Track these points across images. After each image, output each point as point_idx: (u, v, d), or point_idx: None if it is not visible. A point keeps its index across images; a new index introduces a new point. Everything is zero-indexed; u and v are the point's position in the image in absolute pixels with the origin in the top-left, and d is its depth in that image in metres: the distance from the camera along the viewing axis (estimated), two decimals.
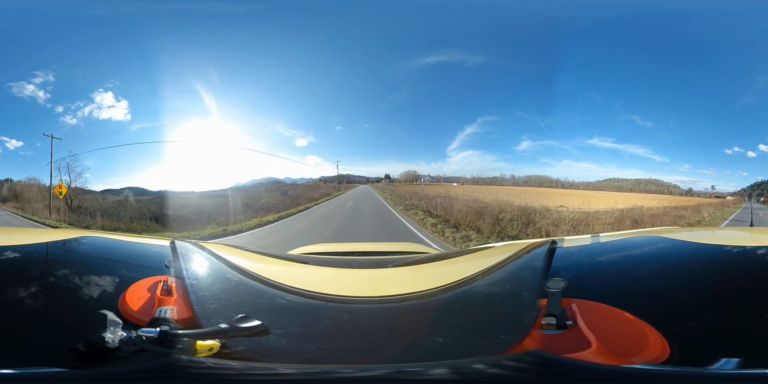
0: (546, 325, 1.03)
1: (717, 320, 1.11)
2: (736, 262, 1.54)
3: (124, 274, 1.45)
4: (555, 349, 0.95)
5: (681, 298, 1.23)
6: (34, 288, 1.28)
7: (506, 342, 1.02)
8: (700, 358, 0.92)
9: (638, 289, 1.33)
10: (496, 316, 1.18)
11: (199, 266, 1.43)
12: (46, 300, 1.24)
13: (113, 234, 2.16)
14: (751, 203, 15.26)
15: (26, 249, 1.66)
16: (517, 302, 1.20)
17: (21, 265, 1.48)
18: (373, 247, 2.70)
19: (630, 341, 0.99)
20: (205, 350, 0.98)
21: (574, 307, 1.08)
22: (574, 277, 1.38)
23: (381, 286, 1.52)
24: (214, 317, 1.08)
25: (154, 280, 1.27)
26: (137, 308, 1.15)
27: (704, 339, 1.03)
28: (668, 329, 1.00)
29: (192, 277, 1.29)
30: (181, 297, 1.18)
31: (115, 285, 1.33)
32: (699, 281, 1.35)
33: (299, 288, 1.31)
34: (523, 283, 1.29)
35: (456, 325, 1.16)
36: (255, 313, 1.06)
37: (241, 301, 1.24)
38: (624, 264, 1.64)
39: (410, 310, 1.25)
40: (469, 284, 1.33)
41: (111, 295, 1.24)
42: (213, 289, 1.28)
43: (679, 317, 1.11)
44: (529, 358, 0.94)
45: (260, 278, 1.37)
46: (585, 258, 1.68)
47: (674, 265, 1.55)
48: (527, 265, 1.44)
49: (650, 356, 0.93)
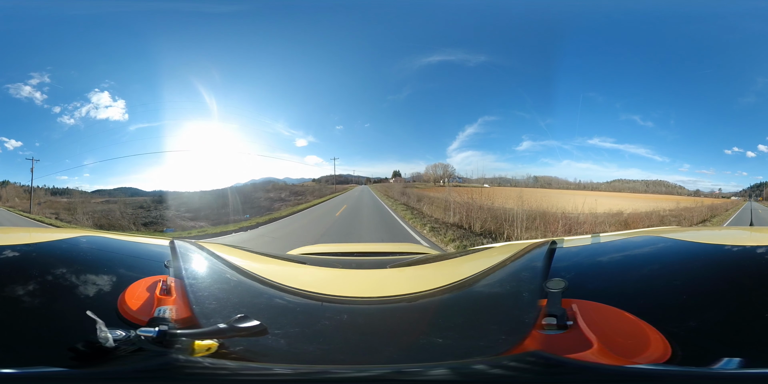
0: (546, 326, 1.03)
1: (718, 320, 1.11)
2: (737, 261, 1.53)
3: (124, 273, 1.45)
4: (556, 349, 0.95)
5: (682, 298, 1.22)
6: (35, 287, 1.28)
7: (506, 342, 1.01)
8: (702, 358, 0.92)
9: (639, 289, 1.33)
10: (496, 317, 1.17)
11: (198, 266, 1.43)
12: (46, 299, 1.24)
13: (113, 233, 2.16)
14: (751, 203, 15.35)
15: (26, 248, 1.66)
16: (517, 303, 1.20)
17: (21, 265, 1.48)
18: (373, 248, 2.69)
19: (631, 341, 0.98)
20: (203, 350, 0.98)
21: (575, 308, 1.08)
22: (574, 277, 1.38)
23: (381, 286, 1.52)
24: (213, 317, 1.08)
25: (154, 280, 1.27)
26: (136, 308, 1.15)
27: (705, 339, 1.02)
28: (669, 329, 1.00)
29: (191, 276, 1.29)
30: (180, 297, 1.18)
31: (114, 284, 1.33)
32: (700, 281, 1.35)
33: (298, 288, 1.30)
34: (523, 284, 1.29)
35: (456, 325, 1.16)
36: (254, 313, 1.05)
37: (239, 301, 1.24)
38: (624, 264, 1.63)
39: (410, 311, 1.25)
40: (469, 285, 1.33)
41: (110, 294, 1.24)
42: (212, 288, 1.28)
43: (680, 317, 1.10)
44: (530, 359, 0.93)
45: (259, 278, 1.37)
46: (585, 258, 1.68)
47: (675, 264, 1.55)
48: (527, 266, 1.44)
49: (652, 356, 0.92)
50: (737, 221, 14.57)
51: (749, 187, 15.76)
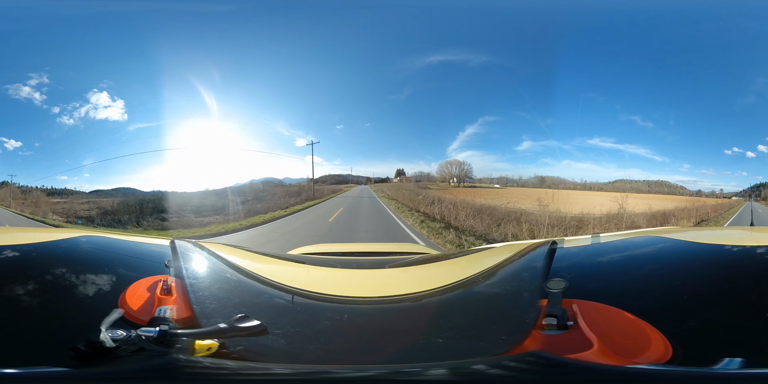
0: (547, 326, 1.03)
1: (718, 320, 1.11)
2: (737, 261, 1.53)
3: (125, 273, 1.45)
4: (556, 349, 0.95)
5: (682, 298, 1.22)
6: (36, 287, 1.28)
7: (507, 342, 1.01)
8: (703, 358, 0.92)
9: (639, 289, 1.33)
10: (496, 317, 1.17)
11: (198, 266, 1.43)
12: (47, 299, 1.24)
13: (114, 233, 2.16)
14: (751, 203, 15.42)
15: (27, 248, 1.66)
16: (517, 303, 1.20)
17: (22, 265, 1.48)
18: (374, 248, 2.69)
19: (632, 342, 0.98)
20: (203, 350, 0.98)
21: (575, 308, 1.08)
22: (574, 277, 1.38)
23: (382, 286, 1.52)
24: (214, 317, 1.08)
25: (154, 280, 1.27)
26: (137, 307, 1.15)
27: (706, 339, 1.02)
28: (670, 329, 1.00)
29: (191, 276, 1.29)
30: (180, 296, 1.18)
31: (115, 284, 1.33)
32: (700, 281, 1.35)
33: (298, 288, 1.30)
34: (524, 284, 1.29)
35: (456, 325, 1.16)
36: (254, 313, 1.05)
37: (240, 300, 1.24)
38: (625, 264, 1.63)
39: (410, 311, 1.25)
40: (469, 285, 1.33)
41: (111, 294, 1.24)
42: (212, 288, 1.28)
43: (681, 317, 1.10)
44: (530, 359, 0.93)
45: (259, 278, 1.37)
46: (585, 258, 1.68)
47: (675, 265, 1.55)
48: (527, 266, 1.44)
49: (653, 356, 0.92)
50: (746, 211, 14.78)
51: (749, 188, 15.82)
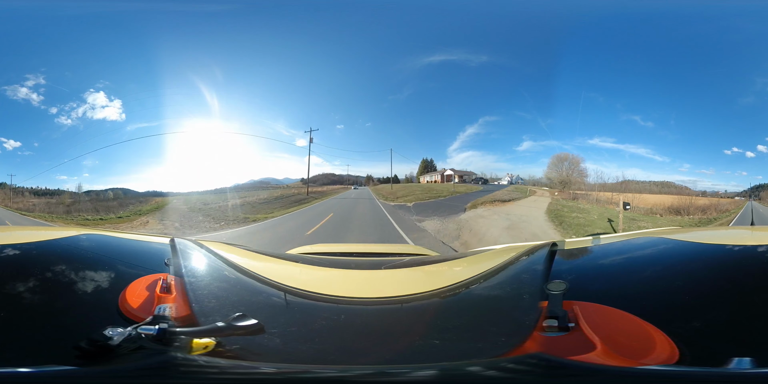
0: (548, 328, 1.02)
1: (722, 320, 1.10)
2: (738, 261, 1.53)
3: (125, 271, 1.45)
4: (558, 351, 0.94)
5: (685, 299, 1.22)
6: (37, 286, 1.27)
7: (506, 344, 1.00)
8: (711, 359, 0.91)
9: (641, 290, 1.32)
10: (495, 319, 1.16)
11: (198, 264, 1.43)
12: (48, 297, 1.24)
13: (114, 232, 2.16)
14: (751, 203, 15.47)
15: (27, 247, 1.66)
16: (517, 305, 1.19)
17: (23, 263, 1.48)
18: (373, 248, 2.69)
19: (636, 343, 0.97)
20: (200, 348, 0.98)
21: (577, 309, 1.07)
22: (575, 279, 1.37)
23: (380, 287, 1.51)
24: (212, 315, 1.08)
25: (154, 278, 1.27)
26: (137, 305, 1.15)
27: (711, 339, 1.02)
28: (674, 330, 0.99)
29: (191, 275, 1.28)
30: (179, 295, 1.17)
31: (116, 282, 1.32)
32: (702, 281, 1.34)
33: (296, 287, 1.30)
34: (524, 286, 1.28)
35: (454, 327, 1.15)
36: (252, 312, 1.05)
37: (238, 299, 1.24)
38: (626, 265, 1.63)
39: (408, 312, 1.24)
40: (469, 286, 1.32)
41: (112, 292, 1.23)
42: (211, 287, 1.27)
43: (684, 318, 1.09)
44: (530, 361, 0.92)
45: (258, 277, 1.37)
46: (586, 260, 1.67)
47: (676, 265, 1.54)
48: (527, 268, 1.43)
49: (659, 357, 0.91)
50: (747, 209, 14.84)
51: (750, 188, 15.86)
